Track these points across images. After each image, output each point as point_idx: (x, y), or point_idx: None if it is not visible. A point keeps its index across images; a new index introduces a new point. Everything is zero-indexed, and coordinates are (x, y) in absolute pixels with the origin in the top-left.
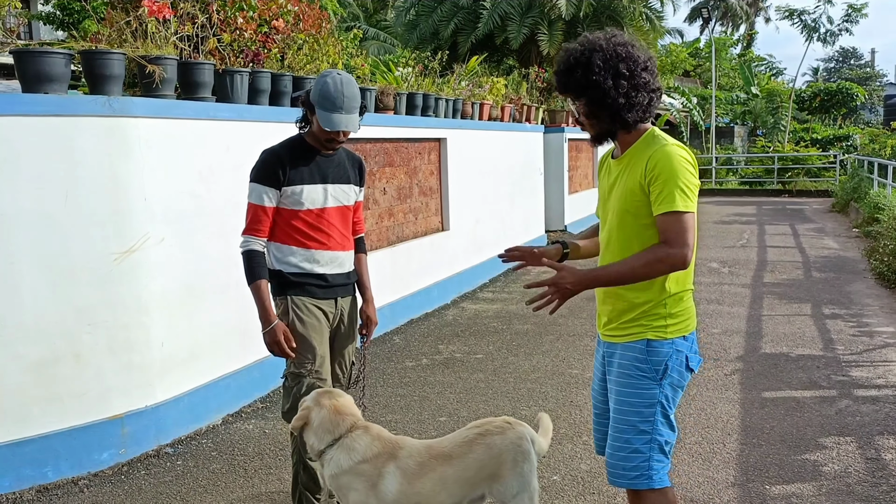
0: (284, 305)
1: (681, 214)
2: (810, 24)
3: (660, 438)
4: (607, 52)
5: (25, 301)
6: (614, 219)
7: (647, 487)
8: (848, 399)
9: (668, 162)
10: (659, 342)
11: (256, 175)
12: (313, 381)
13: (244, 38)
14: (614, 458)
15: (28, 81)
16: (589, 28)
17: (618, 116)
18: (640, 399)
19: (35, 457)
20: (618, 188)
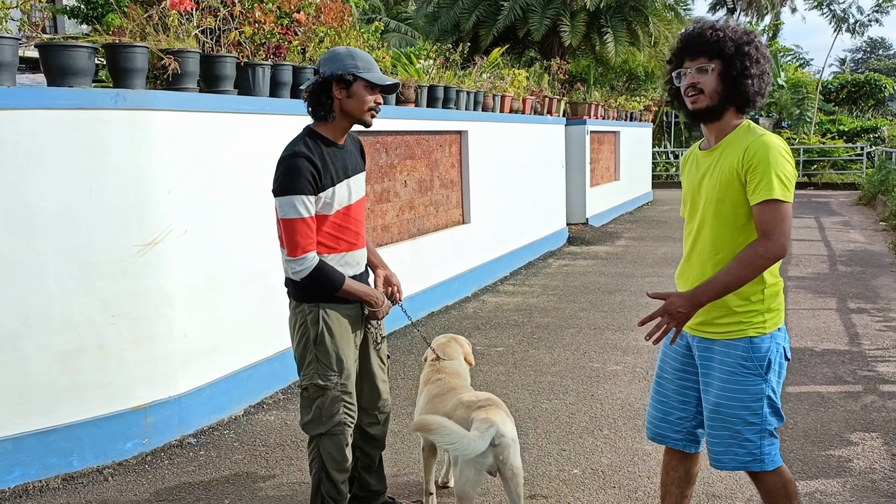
0: (315, 314)
1: (779, 203)
2: (839, 14)
3: (769, 427)
4: (748, 31)
5: (51, 293)
6: (708, 207)
7: (759, 470)
8: (873, 395)
9: (767, 151)
10: (760, 338)
11: (291, 185)
12: (338, 394)
13: (265, 31)
14: (724, 446)
15: (53, 75)
16: (612, 19)
17: (743, 92)
18: (748, 395)
19: (61, 446)
20: (711, 177)
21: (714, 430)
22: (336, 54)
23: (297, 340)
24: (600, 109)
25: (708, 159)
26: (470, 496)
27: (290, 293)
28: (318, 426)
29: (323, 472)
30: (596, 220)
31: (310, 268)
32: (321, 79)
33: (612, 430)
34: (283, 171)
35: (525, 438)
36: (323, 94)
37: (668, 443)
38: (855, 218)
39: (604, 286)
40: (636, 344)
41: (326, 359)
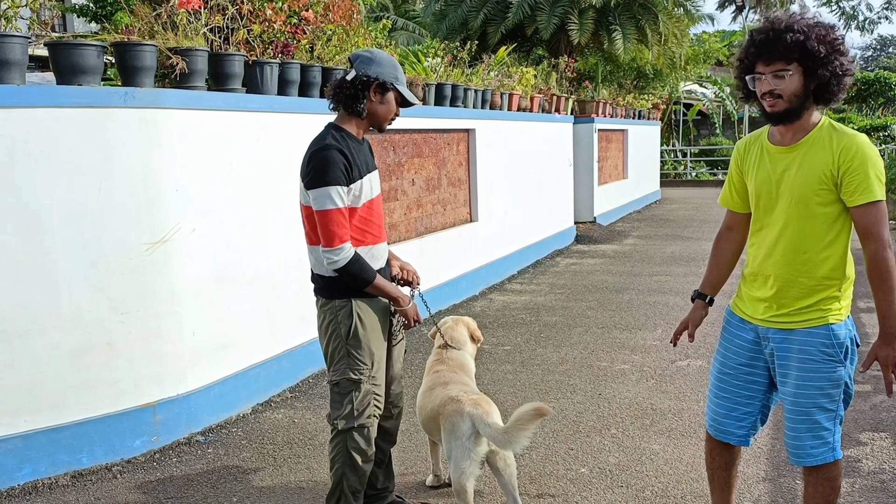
0: (347, 308)
1: (880, 203)
2: (849, 11)
3: (842, 414)
4: (825, 27)
5: (60, 290)
6: (793, 207)
7: (833, 460)
8: (883, 395)
9: (864, 154)
10: (839, 325)
11: (327, 176)
12: (370, 387)
13: (273, 30)
14: (802, 440)
15: (62, 73)
16: (621, 17)
17: (824, 92)
18: (829, 381)
19: (70, 443)
20: (795, 175)
21: (793, 423)
22: (383, 60)
23: (328, 336)
24: (608, 107)
25: (788, 156)
26: (468, 488)
27: (319, 290)
28: (350, 420)
29: (348, 465)
30: (604, 219)
31: (347, 258)
32: (367, 77)
33: (620, 430)
34: (316, 163)
35: (532, 437)
36: (361, 92)
37: (731, 439)
38: None
39: (612, 285)
40: (644, 343)
41: (359, 353)
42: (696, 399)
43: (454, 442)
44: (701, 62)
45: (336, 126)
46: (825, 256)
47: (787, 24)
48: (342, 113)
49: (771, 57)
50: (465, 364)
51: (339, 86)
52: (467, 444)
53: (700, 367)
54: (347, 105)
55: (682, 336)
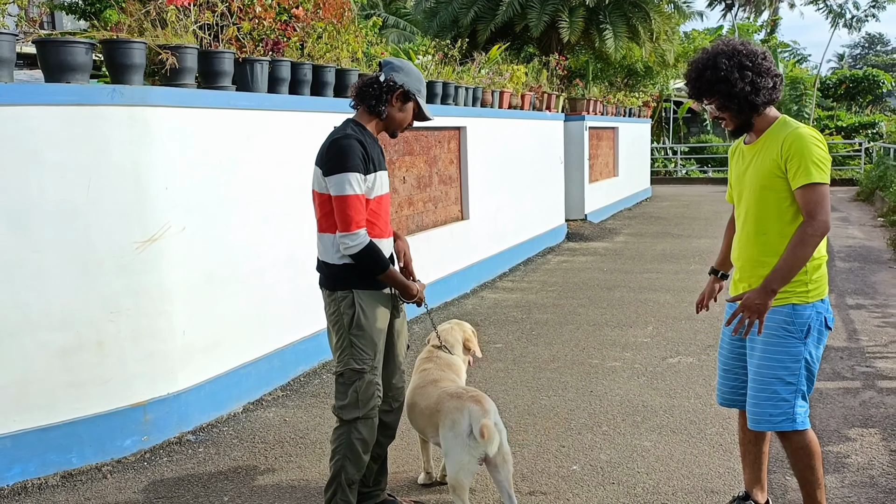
0: (349, 299)
1: (817, 185)
2: (836, 9)
3: (802, 388)
4: (728, 52)
5: (50, 289)
6: (751, 195)
7: (790, 429)
8: (872, 390)
9: (801, 141)
10: (802, 306)
11: (346, 163)
12: (373, 377)
13: (264, 27)
14: (759, 407)
15: (50, 71)
16: (611, 14)
17: (747, 102)
18: (788, 356)
19: (60, 443)
20: (753, 168)
21: (753, 392)
22: (411, 71)
23: (333, 327)
24: (599, 105)
25: (751, 152)
26: (465, 484)
27: (324, 282)
28: (355, 410)
29: (349, 457)
30: (595, 217)
31: (363, 243)
32: (393, 83)
33: (611, 427)
34: (336, 150)
35: (524, 435)
36: (386, 94)
37: (738, 406)
38: (853, 214)
39: (603, 282)
40: (635, 340)
41: (362, 343)
42: (687, 396)
43: (454, 439)
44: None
45: (355, 121)
46: (781, 241)
47: (695, 69)
48: (362, 111)
49: (699, 97)
50: (453, 364)
51: (367, 85)
52: (468, 441)
53: (690, 363)
54: (370, 104)
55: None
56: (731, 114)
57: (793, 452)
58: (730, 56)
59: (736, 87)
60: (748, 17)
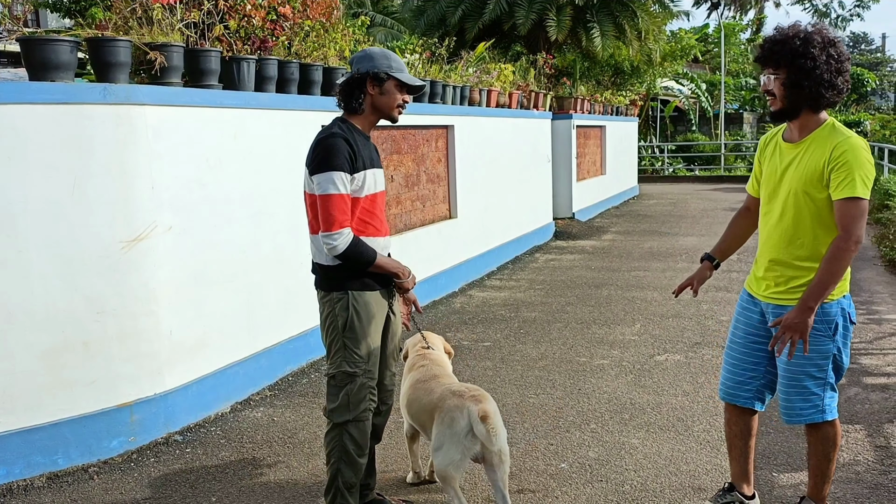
0: (344, 301)
1: (859, 201)
2: (821, 8)
3: (831, 381)
4: (822, 35)
5: (35, 289)
6: (790, 198)
7: (821, 420)
8: (857, 387)
9: (854, 153)
10: (829, 304)
11: (331, 162)
12: (366, 380)
13: (252, 25)
14: (791, 402)
15: (35, 69)
16: (598, 13)
17: (818, 92)
18: (818, 354)
19: (45, 444)
20: (796, 169)
21: (784, 388)
22: (371, 54)
23: (326, 329)
24: (586, 104)
25: (793, 152)
26: (453, 477)
27: (318, 282)
28: (345, 413)
29: (344, 460)
30: (582, 215)
31: (346, 242)
32: (357, 75)
33: (600, 424)
34: (322, 149)
35: (512, 433)
36: (357, 89)
37: (738, 401)
38: None
39: (590, 280)
40: (623, 338)
41: (355, 345)
42: (675, 393)
43: (451, 436)
44: (678, 59)
45: (343, 119)
46: (816, 245)
47: (782, 34)
48: (347, 112)
49: (764, 61)
50: (443, 361)
51: (341, 87)
52: (464, 440)
53: (678, 361)
54: (349, 104)
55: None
56: (791, 94)
57: (816, 441)
58: (823, 39)
59: (818, 70)
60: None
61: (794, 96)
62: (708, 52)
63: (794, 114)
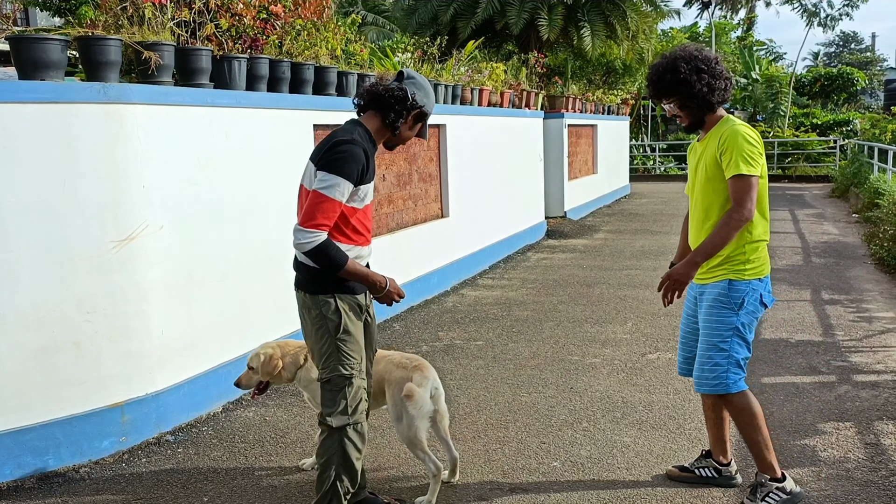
0: (335, 304)
1: (745, 177)
2: (811, 8)
3: (736, 356)
4: (685, 56)
5: (24, 289)
6: (699, 186)
7: (724, 392)
8: (847, 384)
9: (735, 137)
10: (738, 282)
11: (345, 168)
12: (361, 381)
13: (243, 24)
14: (700, 371)
15: (24, 68)
16: (590, 12)
17: (704, 101)
18: (722, 325)
19: (36, 445)
20: (701, 162)
21: (698, 358)
22: (429, 91)
23: (316, 333)
24: (578, 103)
25: (700, 148)
26: (422, 439)
27: (304, 283)
28: (345, 417)
29: (343, 466)
30: (574, 214)
31: (316, 242)
32: (417, 104)
33: (591, 423)
34: (343, 152)
35: (504, 432)
36: (404, 110)
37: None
38: (828, 210)
39: (582, 279)
40: (615, 336)
41: (349, 347)
42: (666, 391)
43: (403, 404)
44: None
45: (363, 125)
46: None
47: (656, 73)
48: (373, 117)
49: (659, 97)
50: None
51: (389, 95)
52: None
53: (669, 359)
54: (388, 116)
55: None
56: (687, 112)
57: (734, 414)
58: (688, 61)
59: (694, 89)
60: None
61: (691, 112)
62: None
63: (700, 122)
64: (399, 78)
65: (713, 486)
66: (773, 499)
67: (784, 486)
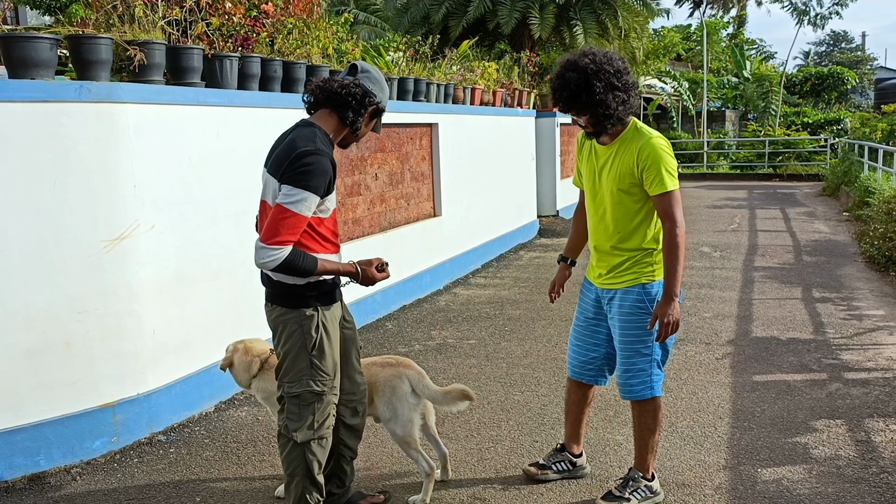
0: (315, 320)
1: (671, 192)
2: (801, 7)
3: (657, 358)
4: (597, 71)
5: (15, 289)
6: (608, 197)
7: (651, 396)
8: (838, 382)
9: (657, 152)
10: (650, 284)
11: (311, 183)
12: (332, 397)
13: (233, 23)
14: (626, 379)
15: (14, 67)
16: (581, 11)
17: (619, 117)
18: (642, 329)
19: (27, 445)
20: (611, 171)
21: (621, 367)
22: (384, 85)
23: (287, 346)
24: None
25: (606, 153)
26: (416, 438)
27: (279, 298)
28: (310, 433)
29: (307, 479)
30: (567, 213)
31: (281, 258)
32: (374, 100)
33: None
34: (309, 164)
35: (497, 430)
36: (361, 108)
37: (585, 379)
38: (819, 209)
39: (574, 278)
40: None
41: (323, 363)
42: None
43: (398, 402)
44: (661, 57)
45: (323, 131)
46: (636, 233)
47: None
48: (329, 117)
49: (568, 112)
50: None
51: (346, 93)
52: (411, 400)
53: None
54: (345, 115)
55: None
56: (597, 123)
57: (641, 415)
58: (600, 77)
59: (610, 109)
60: (716, 15)
61: (602, 124)
62: (691, 50)
63: (608, 130)
64: (352, 71)
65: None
66: (640, 494)
67: (652, 486)
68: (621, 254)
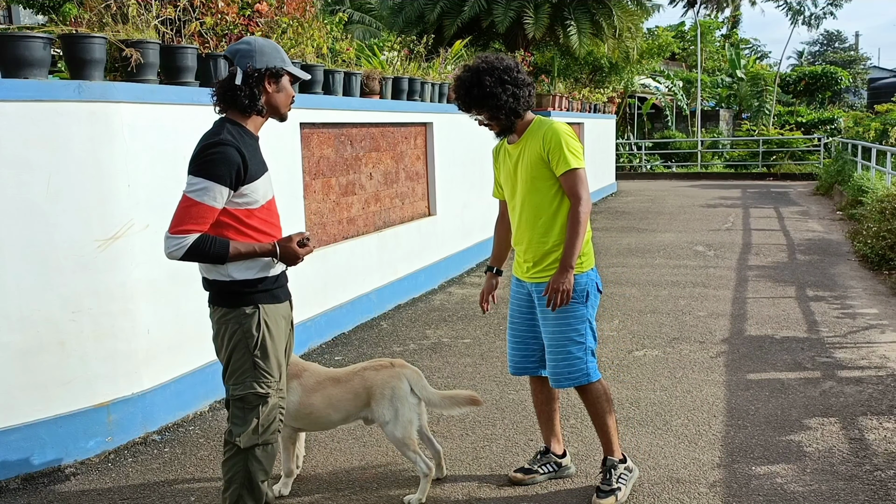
0: (256, 318)
1: (576, 170)
2: (795, 6)
3: (590, 346)
4: (488, 69)
5: (8, 289)
6: (524, 186)
7: (587, 382)
8: (832, 380)
9: (558, 135)
10: (579, 275)
11: (213, 171)
12: (277, 400)
13: (227, 22)
14: (559, 368)
15: (7, 66)
16: (576, 11)
17: (512, 112)
18: (575, 318)
19: (20, 445)
20: (522, 162)
21: (551, 357)
22: (265, 47)
23: (231, 346)
24: (564, 101)
25: (516, 150)
26: (414, 438)
27: (220, 299)
28: (254, 437)
29: (246, 487)
30: None
31: (185, 245)
32: (257, 72)
33: (579, 420)
34: (211, 154)
35: (493, 429)
36: (251, 87)
37: (529, 372)
38: (813, 208)
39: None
40: (601, 334)
41: (266, 364)
42: (653, 388)
43: (400, 402)
44: (655, 56)
45: (232, 121)
46: (555, 221)
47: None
48: (233, 111)
49: (468, 109)
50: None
51: (229, 89)
52: (411, 400)
53: (656, 356)
54: (244, 106)
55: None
56: (497, 122)
57: (591, 402)
58: (491, 73)
59: (501, 101)
60: (709, 14)
61: (500, 122)
62: (684, 50)
63: (511, 128)
64: (229, 63)
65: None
66: (624, 479)
67: (628, 465)
68: (545, 243)
